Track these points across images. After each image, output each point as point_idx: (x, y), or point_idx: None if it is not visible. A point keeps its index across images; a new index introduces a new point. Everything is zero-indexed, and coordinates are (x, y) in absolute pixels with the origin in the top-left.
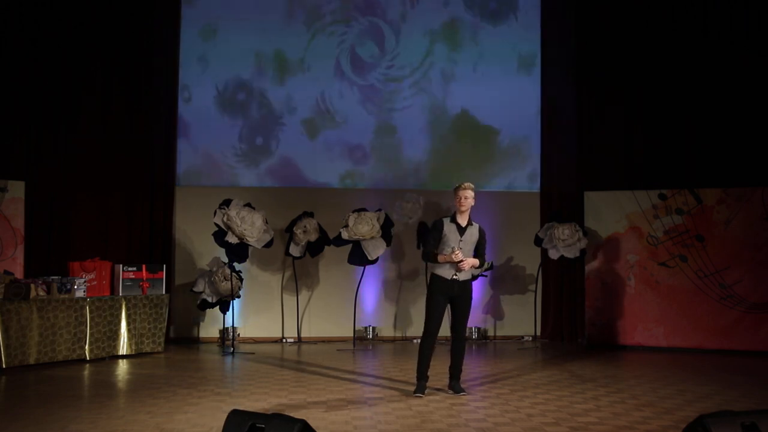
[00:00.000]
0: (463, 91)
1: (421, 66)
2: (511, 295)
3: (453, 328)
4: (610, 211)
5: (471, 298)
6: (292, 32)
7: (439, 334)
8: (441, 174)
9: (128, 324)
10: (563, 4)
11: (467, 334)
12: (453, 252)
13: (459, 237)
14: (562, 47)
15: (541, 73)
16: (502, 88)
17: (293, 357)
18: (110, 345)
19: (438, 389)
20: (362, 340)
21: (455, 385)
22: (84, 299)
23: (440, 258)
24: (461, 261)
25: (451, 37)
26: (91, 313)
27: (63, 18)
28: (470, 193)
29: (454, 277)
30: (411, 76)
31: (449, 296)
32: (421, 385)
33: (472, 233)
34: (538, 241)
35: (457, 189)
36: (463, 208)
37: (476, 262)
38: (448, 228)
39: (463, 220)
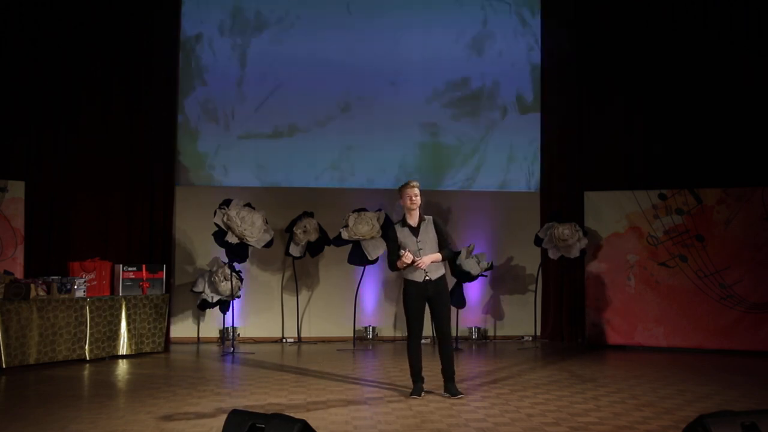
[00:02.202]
0: (464, 94)
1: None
2: (511, 295)
3: (437, 329)
4: (610, 211)
5: (448, 295)
6: (290, 34)
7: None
8: (441, 173)
9: (128, 324)
10: (563, 4)
11: (467, 335)
12: (403, 256)
13: (415, 238)
14: (562, 47)
15: (541, 73)
16: (503, 87)
17: (293, 357)
18: (110, 345)
19: (435, 392)
20: (362, 340)
21: (451, 387)
22: (84, 299)
23: (398, 264)
24: (415, 262)
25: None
26: (91, 313)
27: (63, 18)
28: (418, 191)
29: (426, 278)
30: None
31: (425, 297)
32: (418, 387)
33: (428, 229)
34: (538, 241)
35: (404, 188)
36: (413, 207)
37: (437, 256)
38: (402, 233)
39: (413, 220)
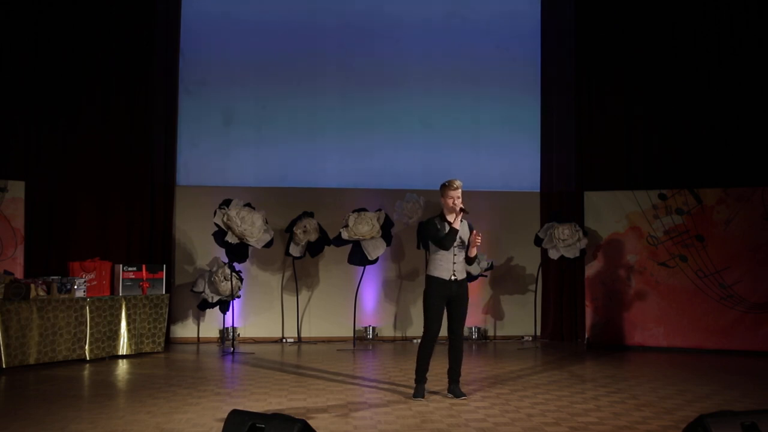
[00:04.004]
0: (465, 93)
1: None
2: (511, 295)
3: (451, 329)
4: (610, 211)
5: (467, 298)
6: (292, 38)
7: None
8: (441, 174)
9: (128, 324)
10: (563, 4)
11: (467, 334)
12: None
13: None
14: (562, 47)
15: (541, 73)
16: (502, 88)
17: (293, 357)
18: (110, 345)
19: (435, 392)
20: (362, 340)
21: (455, 389)
22: (84, 299)
23: (455, 224)
24: (464, 210)
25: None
26: (91, 313)
27: (63, 18)
28: (461, 192)
29: (453, 277)
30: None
31: (447, 297)
32: (421, 388)
33: (465, 231)
34: (538, 241)
35: (447, 188)
36: (457, 208)
37: (474, 251)
38: (443, 228)
39: (454, 219)
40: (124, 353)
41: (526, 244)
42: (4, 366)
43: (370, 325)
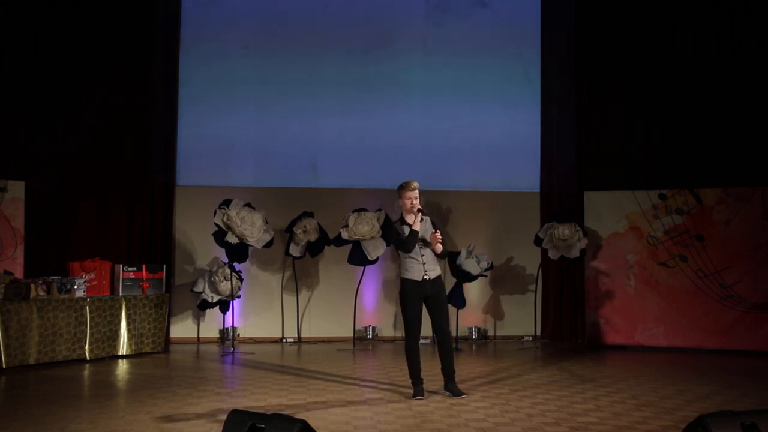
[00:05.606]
0: (465, 94)
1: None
2: (511, 295)
3: (435, 328)
4: (610, 211)
5: (445, 293)
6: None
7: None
8: (441, 174)
9: (128, 324)
10: (563, 4)
11: (467, 334)
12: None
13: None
14: (562, 47)
15: (541, 72)
16: (502, 88)
17: (293, 357)
18: (110, 345)
19: (435, 392)
20: (362, 340)
21: (452, 387)
22: (84, 299)
23: (414, 226)
24: (422, 210)
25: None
26: (91, 313)
27: (63, 18)
28: (418, 193)
29: (425, 277)
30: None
31: (423, 296)
32: (420, 389)
33: (426, 229)
34: (538, 241)
35: (404, 189)
36: (414, 209)
37: (439, 248)
38: (402, 231)
39: (413, 220)
40: (124, 353)
41: (526, 244)
42: (4, 366)
43: (370, 325)
